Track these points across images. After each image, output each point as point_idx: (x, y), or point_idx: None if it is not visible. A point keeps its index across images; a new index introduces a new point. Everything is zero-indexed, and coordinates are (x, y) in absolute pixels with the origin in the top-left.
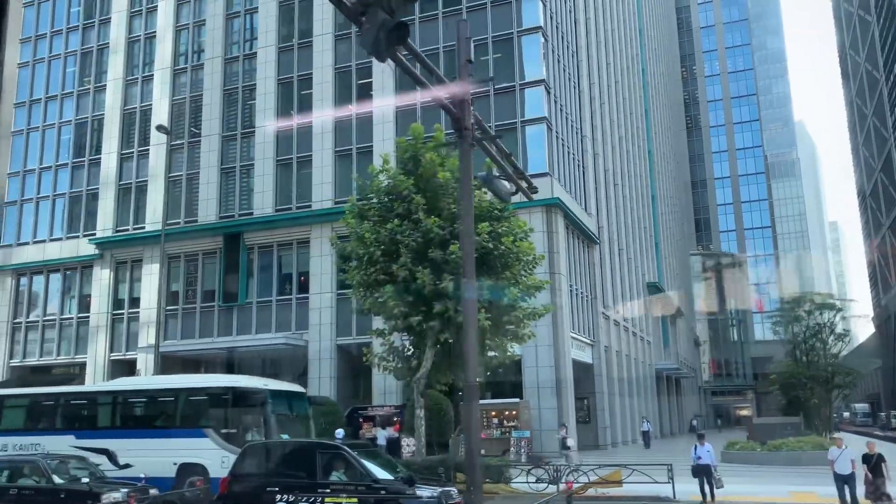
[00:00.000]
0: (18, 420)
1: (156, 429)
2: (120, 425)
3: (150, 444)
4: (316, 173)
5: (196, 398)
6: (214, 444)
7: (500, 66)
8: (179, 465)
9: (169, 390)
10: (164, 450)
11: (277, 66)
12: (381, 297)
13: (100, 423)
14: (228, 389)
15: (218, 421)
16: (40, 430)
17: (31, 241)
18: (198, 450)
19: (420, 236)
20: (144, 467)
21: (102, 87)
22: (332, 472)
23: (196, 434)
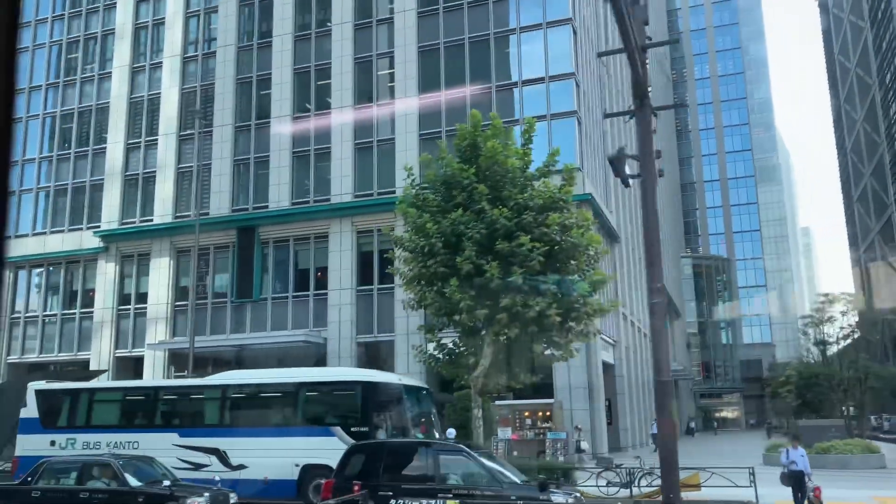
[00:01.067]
0: (111, 416)
1: (274, 426)
2: (231, 422)
3: (266, 443)
4: (335, 166)
5: (321, 393)
6: (343, 443)
7: (527, 57)
8: (303, 467)
9: (289, 384)
10: (284, 449)
11: (294, 56)
12: (443, 290)
13: (207, 420)
14: (359, 384)
15: (346, 418)
16: (137, 427)
17: (30, 233)
18: (324, 450)
19: (484, 227)
20: (261, 469)
21: (107, 75)
22: (452, 475)
23: (321, 432)
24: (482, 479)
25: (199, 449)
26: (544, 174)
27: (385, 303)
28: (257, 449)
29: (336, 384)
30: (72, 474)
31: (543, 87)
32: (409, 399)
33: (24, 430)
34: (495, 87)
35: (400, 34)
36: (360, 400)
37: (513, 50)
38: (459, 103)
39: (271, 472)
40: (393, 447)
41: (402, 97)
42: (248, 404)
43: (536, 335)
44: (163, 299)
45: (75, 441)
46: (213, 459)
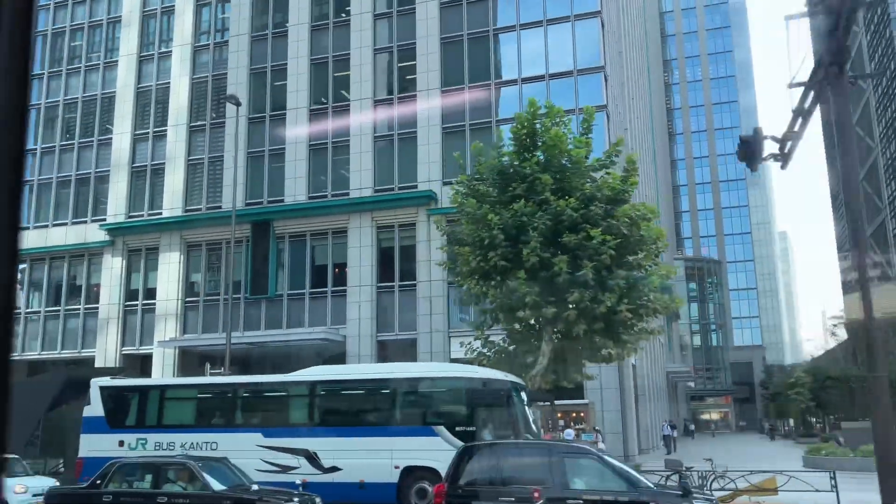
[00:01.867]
0: (186, 414)
1: (370, 425)
2: (321, 421)
3: (362, 443)
4: (354, 159)
5: (422, 390)
6: (447, 443)
7: (554, 50)
8: (403, 469)
9: (386, 380)
10: (382, 450)
11: (310, 46)
12: (504, 285)
13: (295, 419)
14: (464, 380)
15: (451, 417)
16: (215, 426)
17: (31, 225)
18: (426, 451)
19: (549, 218)
20: (356, 471)
21: (113, 64)
22: (579, 480)
23: (423, 432)
24: (614, 483)
25: (286, 450)
26: (605, 165)
27: (406, 300)
28: (352, 450)
29: (438, 380)
30: (146, 477)
31: (572, 80)
32: (517, 396)
33: (89, 430)
34: (521, 79)
35: (422, 25)
36: (466, 397)
37: (539, 42)
38: (483, 96)
39: (368, 475)
40: (512, 448)
41: (424, 89)
42: (340, 402)
43: (602, 332)
44: (172, 295)
45: (146, 441)
46: (303, 461)
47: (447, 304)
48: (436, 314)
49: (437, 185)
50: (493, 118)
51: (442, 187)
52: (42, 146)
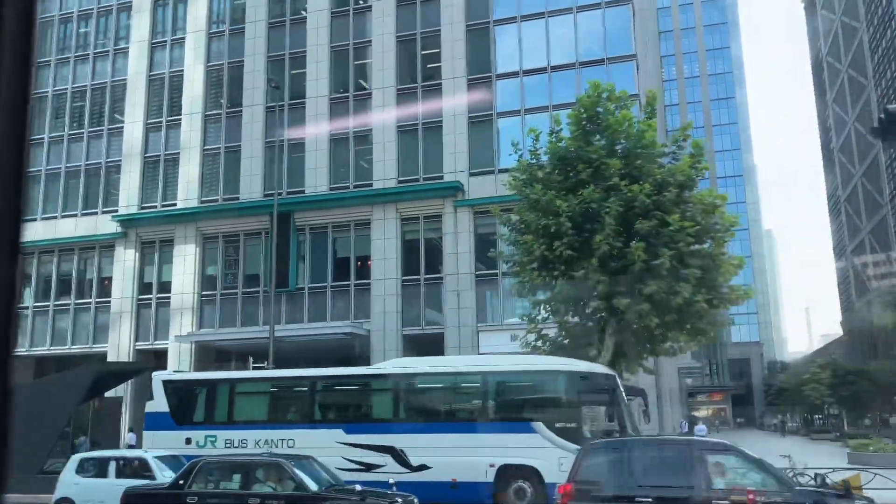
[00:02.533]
0: (259, 410)
1: (462, 421)
2: (408, 417)
3: (453, 440)
4: (377, 149)
5: (518, 384)
6: (547, 440)
7: (584, 38)
8: (499, 468)
9: (479, 374)
10: (475, 448)
11: (330, 33)
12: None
13: (379, 415)
14: (563, 373)
15: (550, 412)
16: (291, 422)
17: (39, 216)
18: (524, 448)
19: (621, 205)
20: (447, 469)
21: (124, 51)
22: (721, 479)
23: (520, 428)
24: (762, 483)
25: (370, 447)
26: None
27: (432, 294)
28: (442, 447)
29: (536, 373)
30: (234, 476)
31: (603, 68)
32: (620, 389)
33: (153, 426)
34: (550, 67)
35: (447, 11)
36: (566, 391)
37: (569, 30)
38: (511, 85)
39: (460, 474)
40: (646, 445)
41: (449, 78)
42: (428, 396)
43: (673, 324)
44: (188, 288)
45: (215, 439)
46: (388, 459)
47: (475, 297)
48: (464, 308)
49: (464, 176)
50: (521, 107)
51: (469, 178)
52: (50, 135)
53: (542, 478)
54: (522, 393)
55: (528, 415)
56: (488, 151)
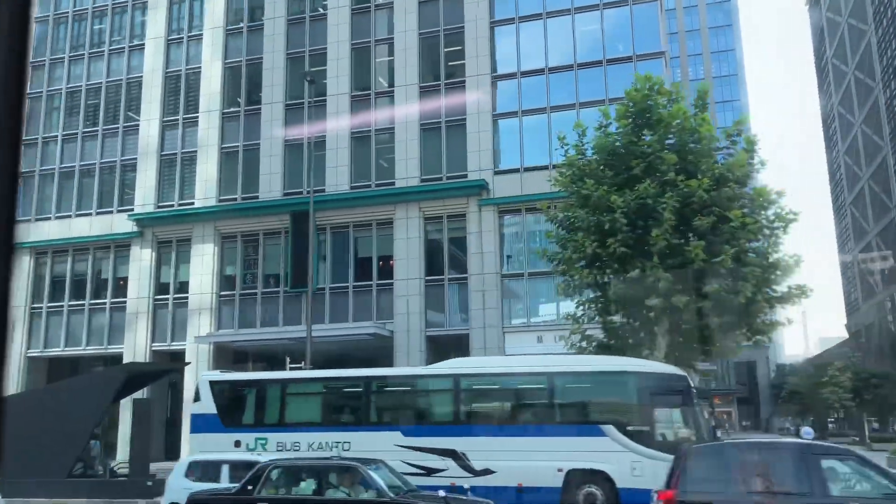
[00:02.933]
0: (312, 411)
1: (528, 424)
2: (470, 419)
3: (518, 443)
4: (399, 148)
5: (586, 385)
6: (618, 444)
7: (611, 34)
8: (567, 472)
9: (546, 375)
10: (542, 451)
11: (351, 30)
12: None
13: (439, 417)
14: (633, 374)
15: (621, 414)
16: (346, 424)
17: (52, 215)
18: (594, 452)
19: (678, 200)
20: (512, 474)
21: (139, 47)
22: (837, 486)
23: (590, 431)
24: (882, 490)
25: (430, 450)
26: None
27: (457, 294)
28: (507, 451)
29: (605, 374)
30: (306, 481)
31: (630, 65)
32: (692, 391)
33: (200, 429)
34: (577, 65)
35: (470, 8)
36: (637, 392)
37: (595, 26)
38: (536, 83)
39: (526, 478)
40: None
41: (473, 75)
42: (492, 397)
43: (733, 324)
44: (206, 289)
45: (266, 441)
46: (450, 463)
47: (500, 298)
48: (489, 309)
49: (489, 175)
50: (546, 104)
51: (493, 176)
52: (63, 133)
53: (613, 483)
54: (591, 394)
55: (598, 417)
56: (513, 149)
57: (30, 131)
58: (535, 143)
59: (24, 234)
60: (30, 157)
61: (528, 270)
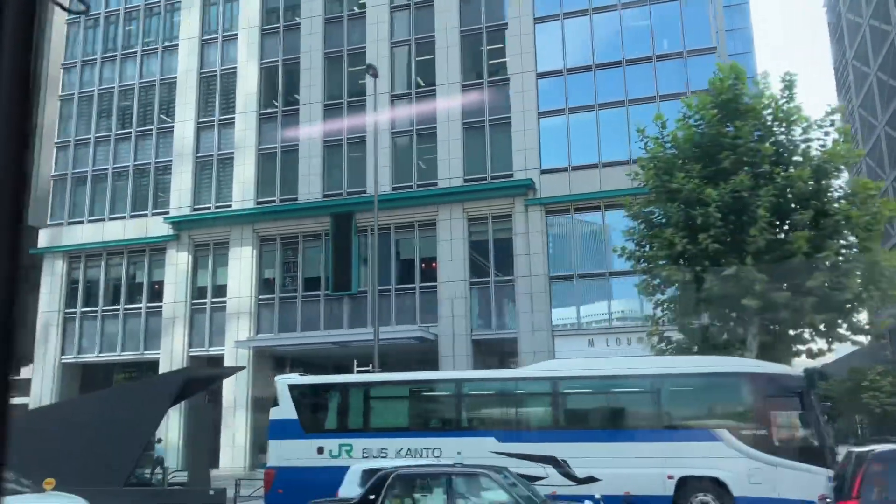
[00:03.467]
0: (399, 416)
1: (634, 429)
2: (571, 424)
3: (624, 449)
4: (441, 147)
5: (697, 387)
6: (733, 449)
7: (660, 31)
8: (679, 479)
9: (653, 377)
10: (649, 458)
11: (390, 29)
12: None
13: (537, 422)
14: (747, 375)
15: (735, 418)
16: (436, 429)
17: (85, 219)
18: (707, 458)
19: (775, 194)
20: (618, 481)
21: (173, 48)
22: None
23: (701, 436)
24: None
25: (528, 457)
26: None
27: (503, 297)
28: (611, 457)
29: (717, 376)
30: (434, 490)
31: (681, 62)
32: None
33: (279, 435)
34: (625, 61)
35: (513, 5)
36: (753, 395)
37: (644, 23)
38: (585, 79)
39: (634, 486)
40: None
41: (517, 72)
42: (594, 401)
43: (833, 321)
44: (245, 292)
45: (351, 448)
46: (550, 470)
47: (549, 300)
48: (538, 312)
49: (535, 174)
50: (594, 101)
51: (540, 175)
52: (96, 135)
53: (728, 490)
54: (703, 397)
55: (711, 421)
56: (560, 148)
57: (61, 134)
58: (583, 141)
59: (56, 238)
60: (62, 159)
61: (578, 272)
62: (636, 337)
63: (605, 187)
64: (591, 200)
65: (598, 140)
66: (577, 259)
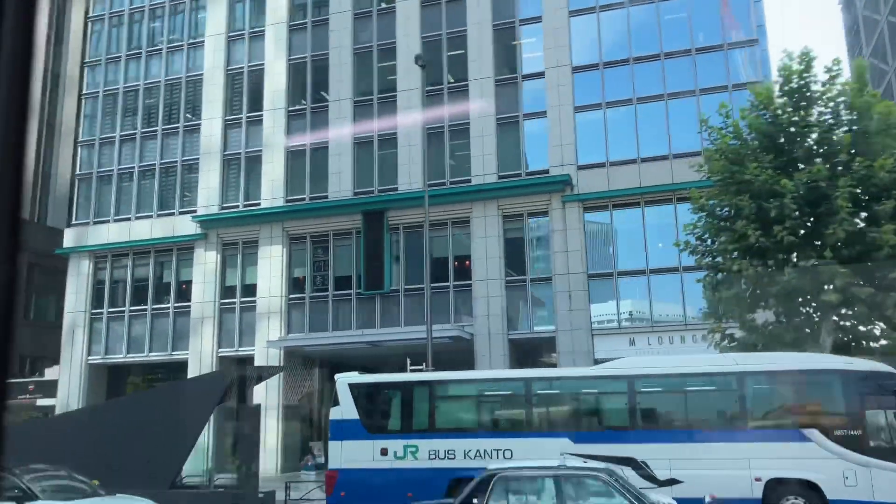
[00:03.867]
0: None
1: (717, 429)
2: (650, 424)
3: (707, 450)
4: (475, 143)
5: (785, 386)
6: (826, 451)
7: (699, 22)
8: (767, 482)
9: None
10: (734, 459)
11: (421, 23)
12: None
13: (613, 422)
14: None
15: (827, 417)
16: (506, 430)
17: (111, 218)
18: (797, 459)
19: (852, 184)
20: (701, 484)
21: (198, 45)
22: None
23: (790, 436)
24: None
25: (605, 459)
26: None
27: (541, 295)
28: (694, 458)
29: (806, 373)
30: (541, 494)
31: (721, 54)
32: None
33: (341, 436)
34: (663, 55)
35: None
36: (845, 394)
37: (683, 14)
38: (623, 72)
39: (720, 489)
40: None
41: (553, 66)
42: (675, 400)
43: None
44: (275, 291)
45: (416, 449)
46: (629, 472)
47: (588, 299)
48: (576, 310)
49: (572, 170)
50: (633, 95)
51: (577, 171)
52: (121, 134)
53: (821, 493)
54: (792, 395)
55: (800, 420)
56: (597, 143)
57: (85, 132)
58: (621, 136)
59: (81, 238)
60: (86, 158)
61: (618, 269)
62: (678, 336)
63: (645, 183)
64: (630, 196)
65: (637, 135)
66: (617, 256)
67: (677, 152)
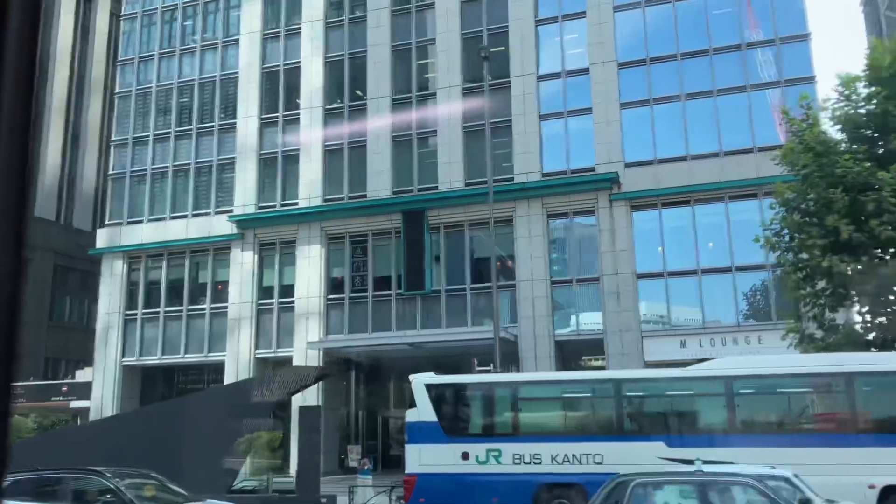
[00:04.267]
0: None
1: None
2: (749, 427)
3: (811, 455)
4: (517, 141)
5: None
6: None
7: (748, 18)
8: (882, 489)
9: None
10: (844, 464)
11: (461, 20)
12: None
13: (713, 425)
14: None
15: None
16: (596, 433)
17: (145, 218)
18: None
19: None
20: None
21: (233, 43)
22: None
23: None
24: None
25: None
26: None
27: (587, 296)
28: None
29: None
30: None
31: (773, 49)
32: None
33: (418, 439)
34: (712, 49)
35: None
36: None
37: (732, 9)
38: (669, 69)
39: (827, 496)
40: None
41: (598, 62)
42: (776, 402)
43: None
44: (314, 292)
45: (499, 454)
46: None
47: (636, 299)
48: (625, 311)
49: (619, 167)
50: (680, 91)
51: (625, 169)
52: (155, 133)
53: None
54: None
55: None
56: (644, 140)
57: (119, 131)
58: (669, 132)
59: (115, 238)
60: (120, 158)
61: (668, 269)
62: (731, 338)
63: (695, 181)
64: (681, 195)
65: (685, 131)
66: (666, 256)
67: (728, 149)
